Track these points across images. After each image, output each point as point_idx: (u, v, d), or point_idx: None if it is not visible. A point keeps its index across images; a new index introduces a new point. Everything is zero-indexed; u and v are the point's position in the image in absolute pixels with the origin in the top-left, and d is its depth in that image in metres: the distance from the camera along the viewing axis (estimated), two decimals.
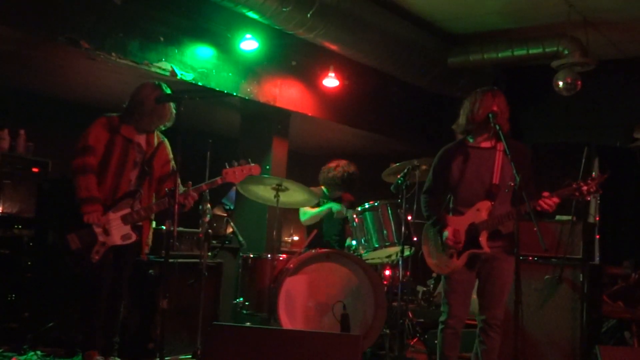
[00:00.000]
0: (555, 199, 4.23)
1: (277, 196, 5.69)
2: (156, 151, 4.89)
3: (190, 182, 4.71)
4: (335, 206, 6.28)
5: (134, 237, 4.70)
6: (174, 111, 4.81)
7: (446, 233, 4.44)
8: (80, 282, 4.73)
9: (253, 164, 4.85)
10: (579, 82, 7.51)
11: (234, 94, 6.82)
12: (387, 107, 8.93)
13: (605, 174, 4.29)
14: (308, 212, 6.35)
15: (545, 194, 4.23)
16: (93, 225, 4.56)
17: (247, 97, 6.97)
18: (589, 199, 4.30)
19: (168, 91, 4.79)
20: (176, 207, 4.19)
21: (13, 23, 5.21)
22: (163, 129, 4.92)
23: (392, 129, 9.14)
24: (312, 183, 6.43)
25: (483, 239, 4.39)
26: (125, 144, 4.74)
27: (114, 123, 4.76)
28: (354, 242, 6.03)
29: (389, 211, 5.87)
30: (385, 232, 5.83)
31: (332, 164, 6.52)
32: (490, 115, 4.38)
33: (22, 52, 5.99)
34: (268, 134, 7.69)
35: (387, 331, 5.90)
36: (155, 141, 4.91)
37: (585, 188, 4.21)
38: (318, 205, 6.35)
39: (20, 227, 5.83)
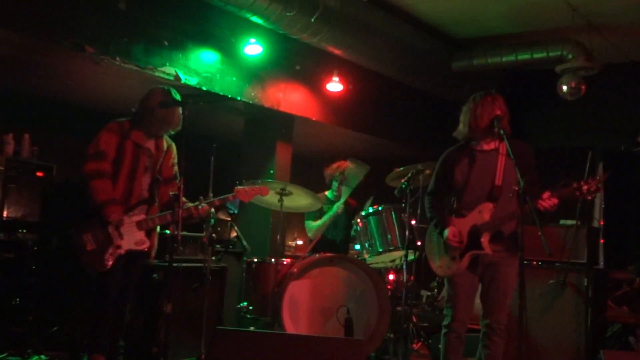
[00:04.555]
0: (555, 200, 4.21)
1: (281, 200, 5.70)
2: (165, 155, 4.92)
3: (202, 197, 4.76)
4: (333, 211, 6.29)
5: (147, 243, 4.74)
6: (182, 116, 4.83)
7: (447, 232, 4.44)
8: (87, 286, 4.74)
9: (263, 185, 5.10)
10: (583, 87, 7.51)
11: (238, 98, 6.83)
12: (390, 111, 8.93)
13: (606, 173, 4.27)
14: (314, 226, 6.38)
15: (546, 194, 4.22)
16: (109, 228, 4.59)
17: (251, 102, 6.98)
18: (590, 198, 4.28)
19: (177, 96, 4.79)
20: (180, 211, 4.20)
21: (18, 28, 5.23)
22: (172, 133, 4.94)
23: (395, 133, 9.15)
24: (316, 187, 6.44)
25: (485, 240, 4.38)
26: (135, 149, 4.76)
27: (125, 128, 4.77)
28: (357, 247, 6.03)
29: (393, 215, 5.88)
30: (389, 236, 5.84)
31: (336, 164, 6.54)
32: (495, 120, 4.38)
33: (27, 57, 6.01)
34: (272, 139, 7.71)
35: (391, 335, 5.90)
36: (165, 145, 4.94)
37: (585, 187, 4.18)
38: (320, 214, 6.37)
39: (24, 231, 5.84)
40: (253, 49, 6.71)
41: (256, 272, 5.81)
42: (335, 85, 7.68)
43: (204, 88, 6.48)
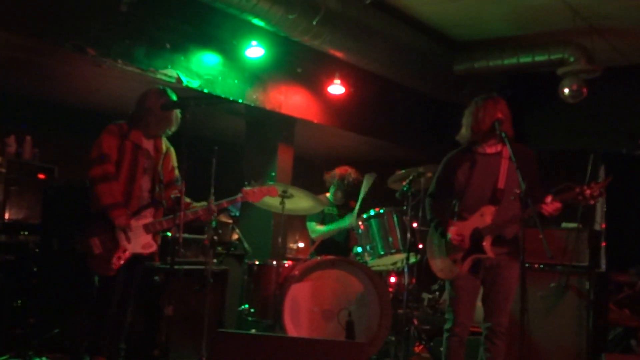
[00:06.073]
0: (557, 204, 4.20)
1: (282, 203, 5.69)
2: (164, 158, 4.93)
3: (212, 198, 4.76)
4: (343, 223, 6.31)
5: (154, 247, 4.74)
6: (179, 115, 4.84)
7: (449, 234, 4.43)
8: (88, 288, 4.74)
9: (271, 186, 5.06)
10: (585, 89, 7.50)
11: (240, 101, 6.84)
12: (392, 113, 8.93)
13: (609, 178, 4.26)
14: (317, 230, 6.41)
15: (548, 198, 4.21)
16: (117, 231, 4.59)
17: (252, 104, 6.98)
18: (592, 202, 4.26)
19: (173, 96, 4.82)
20: (182, 214, 4.21)
21: (20, 30, 5.23)
22: (169, 133, 4.95)
23: (397, 135, 9.15)
24: (318, 190, 6.44)
25: (487, 243, 4.37)
26: (134, 151, 4.77)
27: (124, 130, 4.79)
28: (359, 249, 6.03)
29: (395, 218, 5.87)
30: (390, 239, 5.83)
31: (342, 170, 6.55)
32: (496, 123, 4.37)
33: (29, 59, 6.02)
34: (273, 141, 7.71)
35: (393, 338, 5.89)
36: (164, 147, 4.94)
37: (588, 192, 4.16)
38: (322, 215, 6.37)
39: (26, 233, 5.84)
40: (254, 51, 6.71)
41: (257, 274, 5.81)
42: (336, 88, 7.68)
43: (205, 90, 6.48)
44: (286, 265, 5.80)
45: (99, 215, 4.59)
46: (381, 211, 5.91)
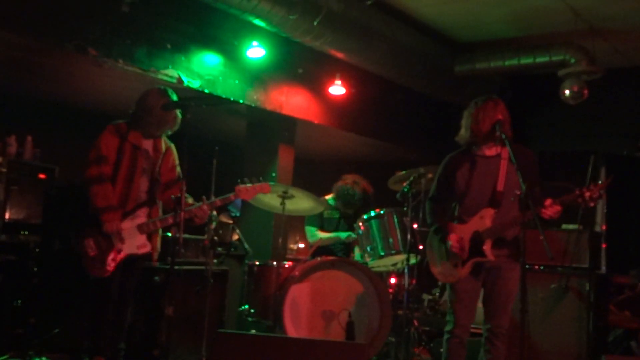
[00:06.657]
0: (558, 207, 4.18)
1: (283, 204, 5.70)
2: (163, 157, 4.92)
3: (204, 197, 4.75)
4: (342, 234, 6.31)
5: (149, 247, 4.74)
6: (179, 116, 4.84)
7: (450, 241, 4.43)
8: (88, 288, 4.75)
9: (264, 183, 4.96)
10: (586, 91, 7.50)
11: (241, 101, 6.84)
12: (393, 114, 8.93)
13: (608, 179, 4.25)
14: (317, 236, 6.40)
15: (548, 201, 4.19)
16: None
17: (253, 105, 6.98)
18: (592, 204, 4.25)
19: (174, 97, 4.81)
20: (182, 214, 4.21)
21: (21, 30, 5.23)
22: (169, 133, 4.95)
23: (398, 136, 9.15)
24: (319, 190, 6.44)
25: (487, 247, 4.37)
26: (133, 151, 4.77)
27: (122, 130, 4.78)
28: (358, 251, 6.04)
29: (395, 219, 5.87)
30: (391, 240, 5.83)
31: (349, 180, 6.51)
32: (497, 125, 4.37)
33: (30, 59, 6.02)
34: (274, 142, 7.71)
35: (393, 339, 5.90)
36: (163, 147, 4.94)
37: (588, 194, 4.14)
38: (320, 218, 6.37)
39: (26, 233, 5.84)
40: (255, 52, 6.71)
41: (258, 275, 5.81)
42: (337, 89, 7.68)
43: (206, 91, 6.48)
44: (286, 265, 5.80)
45: (94, 217, 4.60)
46: (381, 212, 5.91)
